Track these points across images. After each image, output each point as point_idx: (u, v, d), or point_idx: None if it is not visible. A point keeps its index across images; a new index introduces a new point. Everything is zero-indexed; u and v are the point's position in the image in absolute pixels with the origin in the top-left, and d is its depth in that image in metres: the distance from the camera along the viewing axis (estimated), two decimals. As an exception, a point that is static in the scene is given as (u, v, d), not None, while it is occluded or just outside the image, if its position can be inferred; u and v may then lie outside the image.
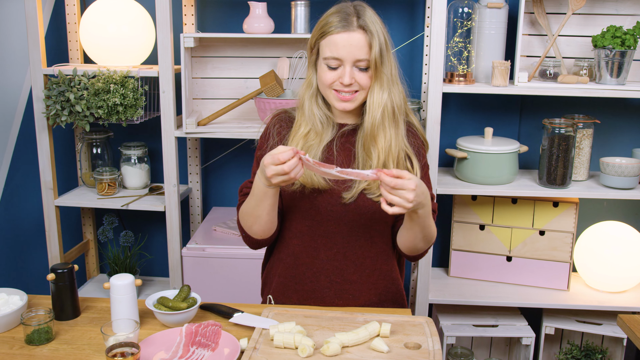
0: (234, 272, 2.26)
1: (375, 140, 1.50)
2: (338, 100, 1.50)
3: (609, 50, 2.17)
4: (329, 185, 1.52)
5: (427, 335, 1.40)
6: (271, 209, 1.48)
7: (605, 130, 2.53)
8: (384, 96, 1.49)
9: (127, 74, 2.25)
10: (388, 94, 1.49)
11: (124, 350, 1.24)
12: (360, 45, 1.44)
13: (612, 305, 2.32)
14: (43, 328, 1.39)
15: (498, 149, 2.27)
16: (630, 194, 2.25)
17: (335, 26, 1.45)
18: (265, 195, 1.44)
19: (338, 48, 1.44)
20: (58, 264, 1.52)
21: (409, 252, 1.56)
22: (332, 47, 1.45)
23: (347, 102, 1.50)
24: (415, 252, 1.56)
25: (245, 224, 1.54)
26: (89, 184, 2.62)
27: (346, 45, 1.44)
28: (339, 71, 1.47)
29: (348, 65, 1.46)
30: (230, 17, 2.54)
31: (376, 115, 1.49)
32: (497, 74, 2.20)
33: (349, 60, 1.45)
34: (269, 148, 1.57)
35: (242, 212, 1.54)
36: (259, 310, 1.53)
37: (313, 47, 1.52)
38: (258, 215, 1.49)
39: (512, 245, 2.43)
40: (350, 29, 1.44)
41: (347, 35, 1.44)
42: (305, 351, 1.29)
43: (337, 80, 1.47)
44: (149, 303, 1.49)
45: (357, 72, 1.47)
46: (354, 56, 1.45)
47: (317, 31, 1.49)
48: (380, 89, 1.49)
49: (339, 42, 1.44)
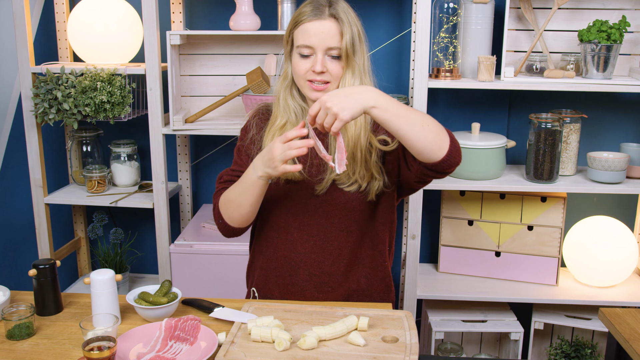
0: (221, 267, 2.27)
1: (345, 127, 1.50)
2: (311, 90, 1.51)
3: (594, 45, 2.17)
4: (302, 177, 1.54)
5: (405, 329, 1.40)
6: (256, 200, 1.49)
7: (592, 124, 2.53)
8: (356, 83, 1.50)
9: (114, 72, 2.26)
10: (359, 82, 1.50)
11: (101, 344, 1.25)
12: (332, 33, 1.46)
13: (601, 300, 2.32)
14: (24, 323, 1.40)
15: (485, 144, 2.27)
16: (618, 188, 2.25)
17: (307, 15, 1.47)
18: (254, 185, 1.45)
19: (310, 36, 1.46)
20: (40, 259, 1.53)
21: (427, 154, 1.36)
22: (304, 35, 1.47)
23: (320, 92, 1.50)
24: (431, 145, 1.35)
25: (225, 210, 1.54)
26: (79, 182, 2.63)
27: (317, 33, 1.46)
28: (311, 59, 1.48)
29: (320, 53, 1.47)
30: (218, 14, 2.55)
31: None
32: (482, 69, 2.20)
33: (321, 48, 1.47)
34: (248, 140, 1.60)
35: (224, 198, 1.54)
36: (240, 305, 1.53)
37: (288, 38, 1.54)
38: (241, 203, 1.50)
39: (500, 241, 2.44)
40: (321, 17, 1.46)
41: (318, 23, 1.46)
42: (282, 345, 1.29)
43: (309, 69, 1.48)
44: (130, 298, 1.50)
45: (329, 60, 1.48)
46: (325, 44, 1.46)
47: (291, 22, 1.52)
48: (352, 77, 1.50)
49: (310, 30, 1.46)
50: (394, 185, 1.57)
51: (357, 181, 1.52)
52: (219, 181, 1.62)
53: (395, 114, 1.32)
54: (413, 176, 1.47)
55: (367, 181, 1.53)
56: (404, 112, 1.33)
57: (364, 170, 1.52)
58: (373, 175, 1.53)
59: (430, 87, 2.19)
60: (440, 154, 1.37)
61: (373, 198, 1.54)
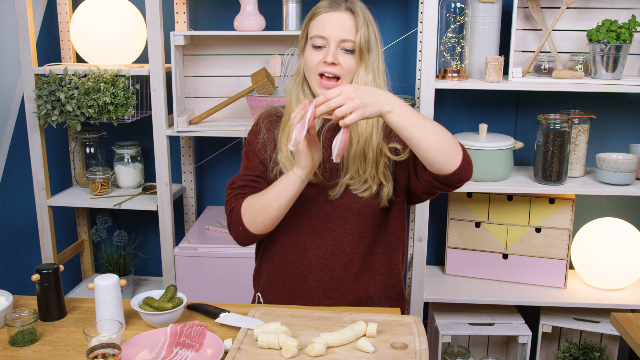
0: (226, 271, 2.25)
1: (356, 124, 1.48)
2: (321, 86, 1.48)
3: (604, 45, 2.14)
4: (317, 180, 1.51)
5: (414, 335, 1.38)
6: (289, 202, 1.43)
7: (601, 125, 2.50)
8: (368, 79, 1.47)
9: (117, 73, 2.24)
10: (372, 78, 1.48)
11: (105, 352, 1.23)
12: (346, 26, 1.44)
13: (609, 302, 2.29)
14: (27, 329, 1.38)
15: (493, 145, 2.25)
16: (627, 190, 2.22)
17: (323, 7, 1.48)
18: (289, 185, 1.40)
19: (324, 26, 1.45)
20: (43, 264, 1.51)
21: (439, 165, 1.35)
22: (318, 25, 1.46)
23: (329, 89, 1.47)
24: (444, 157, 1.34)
25: (249, 215, 1.47)
26: (82, 184, 2.61)
27: (332, 24, 1.45)
28: (323, 51, 1.46)
29: (333, 44, 1.45)
30: (222, 14, 2.53)
31: None
32: (490, 69, 2.17)
33: (334, 39, 1.45)
34: (259, 144, 1.57)
35: (251, 203, 1.47)
36: (246, 310, 1.51)
37: (303, 33, 1.53)
38: (270, 206, 1.43)
39: (508, 243, 2.41)
40: (337, 9, 1.46)
41: (334, 15, 1.45)
42: (289, 351, 1.27)
43: (321, 60, 1.46)
44: (134, 303, 1.48)
45: (341, 54, 1.46)
46: (339, 35, 1.44)
47: (308, 16, 1.51)
48: (365, 73, 1.47)
49: (325, 21, 1.46)
50: (404, 195, 1.56)
51: (368, 181, 1.49)
52: (230, 187, 1.56)
53: (410, 120, 1.31)
54: (421, 187, 1.46)
55: (378, 184, 1.50)
56: (419, 120, 1.32)
57: (374, 172, 1.50)
58: (381, 181, 1.50)
59: (438, 87, 2.16)
60: (452, 167, 1.36)
61: (385, 204, 1.52)
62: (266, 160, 1.56)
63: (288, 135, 1.44)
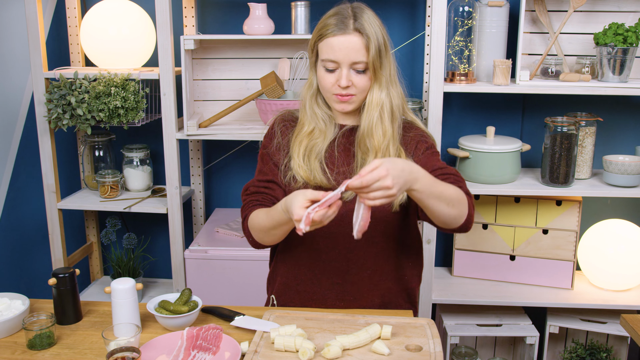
0: (237, 273, 2.26)
1: (372, 138, 1.50)
2: (337, 102, 1.51)
3: (611, 48, 2.16)
4: (331, 184, 1.52)
5: (428, 337, 1.39)
6: (287, 230, 1.48)
7: (608, 128, 2.52)
8: (382, 95, 1.50)
9: (127, 77, 2.26)
10: (386, 93, 1.50)
11: (125, 355, 1.24)
12: (356, 48, 1.45)
13: (616, 303, 2.30)
14: (45, 333, 1.39)
15: (500, 148, 2.26)
16: (634, 191, 2.24)
17: (332, 29, 1.45)
18: (286, 223, 1.42)
19: (334, 51, 1.45)
20: (59, 268, 1.52)
21: (444, 225, 1.46)
22: (328, 49, 1.46)
23: (345, 103, 1.51)
24: (452, 220, 1.43)
25: (256, 235, 1.53)
26: (91, 187, 2.63)
27: (342, 48, 1.45)
28: (336, 73, 1.48)
29: (345, 68, 1.46)
30: (231, 18, 2.54)
31: (373, 114, 1.50)
32: (498, 72, 2.19)
33: (346, 63, 1.46)
34: (274, 147, 1.59)
35: (254, 225, 1.51)
36: (261, 313, 1.52)
37: (313, 48, 1.53)
38: (273, 233, 1.49)
39: (515, 245, 2.43)
40: (346, 32, 1.44)
41: (343, 38, 1.44)
42: (306, 354, 1.28)
43: (335, 83, 1.48)
44: (150, 307, 1.49)
45: (354, 74, 1.48)
46: (350, 59, 1.45)
47: (316, 33, 1.51)
48: (379, 90, 1.50)
49: (335, 45, 1.45)
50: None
51: None
52: (245, 193, 1.60)
53: (429, 195, 1.34)
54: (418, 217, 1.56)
55: None
56: (437, 192, 1.36)
57: None
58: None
59: (446, 91, 2.18)
60: (454, 226, 1.46)
61: (397, 209, 1.53)
62: (279, 163, 1.58)
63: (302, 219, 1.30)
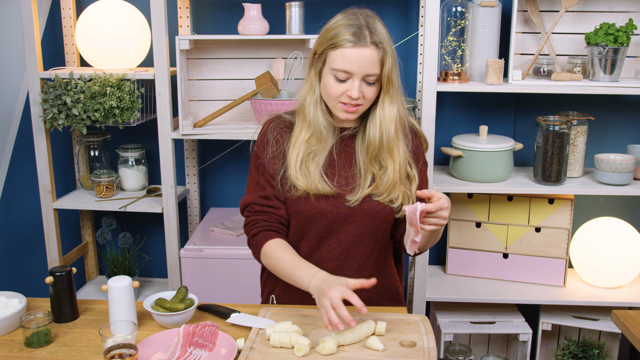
0: (232, 272, 2.27)
1: (391, 153, 1.53)
2: (342, 111, 1.49)
3: (602, 48, 2.19)
4: (333, 191, 1.53)
5: (422, 333, 1.41)
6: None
7: (599, 126, 2.55)
8: (394, 109, 1.51)
9: (123, 77, 2.26)
10: (397, 107, 1.52)
11: (122, 352, 1.26)
12: (372, 61, 1.43)
13: (608, 300, 2.33)
14: (42, 331, 1.41)
15: (493, 146, 2.28)
16: (625, 190, 2.27)
17: (348, 40, 1.42)
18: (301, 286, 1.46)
19: (350, 62, 1.43)
20: (56, 267, 1.53)
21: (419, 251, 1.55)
22: (343, 60, 1.43)
23: (351, 113, 1.50)
24: (421, 252, 1.56)
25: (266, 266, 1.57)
26: (87, 187, 2.63)
27: (359, 61, 1.42)
28: (347, 84, 1.46)
29: (357, 80, 1.45)
30: (225, 18, 2.55)
31: (390, 129, 1.51)
32: (491, 72, 2.21)
33: (359, 75, 1.44)
34: (269, 156, 1.57)
35: (269, 263, 1.54)
36: (256, 311, 1.54)
37: (320, 54, 1.49)
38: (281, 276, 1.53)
39: (508, 243, 2.45)
40: (364, 45, 1.42)
41: (360, 51, 1.42)
42: (302, 350, 1.30)
43: (344, 92, 1.46)
44: (147, 304, 1.51)
45: (364, 86, 1.46)
46: (365, 71, 1.44)
47: (327, 40, 1.46)
48: (390, 103, 1.50)
49: (351, 57, 1.42)
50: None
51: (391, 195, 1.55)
52: (248, 210, 1.59)
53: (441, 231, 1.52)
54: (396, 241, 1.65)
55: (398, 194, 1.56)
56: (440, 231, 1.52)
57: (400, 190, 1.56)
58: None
59: (439, 90, 2.20)
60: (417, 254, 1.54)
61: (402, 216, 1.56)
62: (276, 174, 1.56)
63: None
